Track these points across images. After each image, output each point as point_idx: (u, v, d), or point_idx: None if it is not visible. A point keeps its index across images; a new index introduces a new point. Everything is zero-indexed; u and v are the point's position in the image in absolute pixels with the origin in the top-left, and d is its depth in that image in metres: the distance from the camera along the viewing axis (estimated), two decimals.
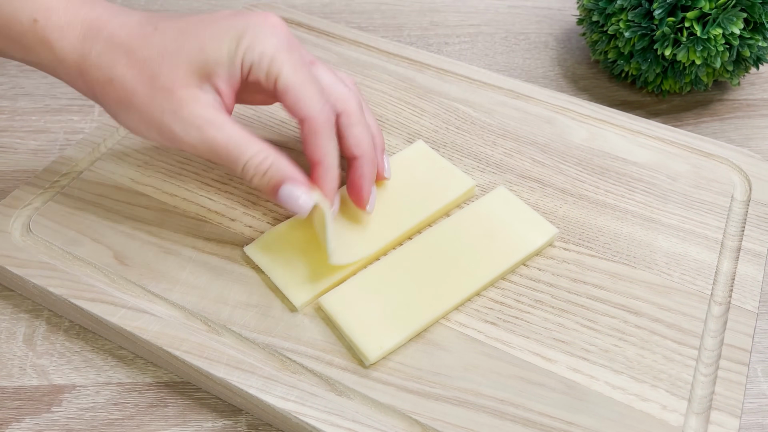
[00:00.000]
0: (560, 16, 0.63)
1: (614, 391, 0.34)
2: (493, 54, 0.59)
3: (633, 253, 0.40)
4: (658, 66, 0.50)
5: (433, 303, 0.36)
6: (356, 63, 0.51)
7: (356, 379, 0.34)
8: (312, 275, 0.37)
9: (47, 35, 0.34)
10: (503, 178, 0.43)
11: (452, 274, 0.37)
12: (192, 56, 0.33)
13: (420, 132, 0.46)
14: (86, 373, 0.37)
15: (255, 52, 0.34)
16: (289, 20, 0.55)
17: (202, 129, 0.33)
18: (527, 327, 0.36)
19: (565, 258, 0.39)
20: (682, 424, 0.33)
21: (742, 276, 0.39)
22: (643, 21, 0.48)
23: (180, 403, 0.36)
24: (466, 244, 0.38)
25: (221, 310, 0.36)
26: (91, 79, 0.34)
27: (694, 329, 0.36)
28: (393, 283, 0.36)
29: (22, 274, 0.37)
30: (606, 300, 0.37)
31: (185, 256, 0.38)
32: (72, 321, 0.39)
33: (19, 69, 0.55)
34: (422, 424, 0.32)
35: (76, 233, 0.39)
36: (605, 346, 0.35)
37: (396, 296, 0.36)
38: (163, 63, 0.33)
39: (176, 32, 0.34)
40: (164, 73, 0.33)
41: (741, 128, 0.53)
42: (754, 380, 0.38)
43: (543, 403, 0.33)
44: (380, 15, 0.63)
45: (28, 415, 0.35)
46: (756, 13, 0.46)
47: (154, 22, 0.35)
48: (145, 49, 0.34)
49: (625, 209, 0.42)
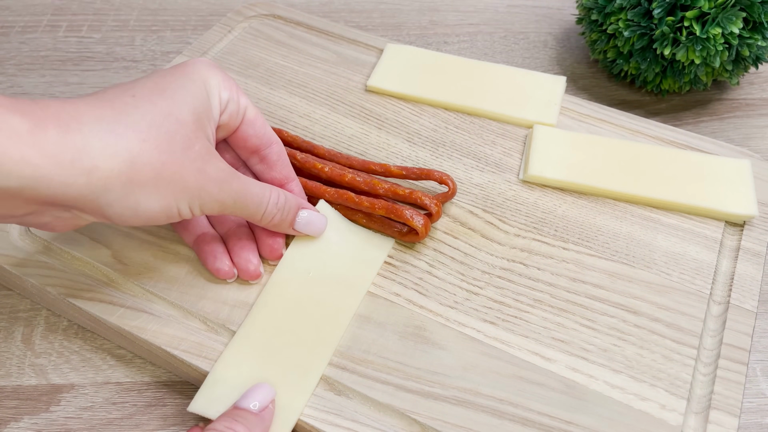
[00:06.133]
0: (559, 16, 0.63)
1: (613, 391, 0.34)
2: (492, 53, 0.59)
3: (632, 252, 0.40)
4: (658, 65, 0.50)
5: (323, 341, 0.35)
6: (355, 62, 0.51)
7: (355, 378, 0.34)
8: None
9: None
10: (503, 178, 0.43)
11: (323, 309, 0.36)
12: (186, 109, 0.31)
13: (420, 132, 0.46)
14: (85, 373, 0.36)
15: (225, 92, 0.33)
16: (289, 19, 0.55)
17: (230, 183, 0.32)
18: (526, 326, 0.36)
19: (564, 257, 0.39)
20: (681, 423, 0.33)
21: (741, 275, 0.39)
22: (642, 20, 0.48)
23: (178, 402, 0.36)
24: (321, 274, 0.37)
25: (220, 309, 0.36)
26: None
27: (693, 328, 0.36)
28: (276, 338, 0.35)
29: (20, 273, 0.37)
30: (605, 299, 0.37)
31: (184, 256, 0.38)
32: (70, 320, 0.38)
33: (17, 68, 0.55)
34: (421, 423, 0.32)
35: (75, 232, 0.39)
36: (604, 345, 0.35)
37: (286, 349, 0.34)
38: (170, 122, 0.30)
39: (155, 93, 0.31)
40: (179, 132, 0.30)
41: (740, 127, 0.53)
42: (753, 380, 0.38)
43: (542, 403, 0.33)
44: (379, 14, 0.63)
45: (26, 415, 0.35)
46: (755, 12, 0.46)
47: (129, 92, 0.30)
48: (141, 116, 0.30)
49: (625, 208, 0.42)
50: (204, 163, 0.31)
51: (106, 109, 0.29)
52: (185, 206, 0.31)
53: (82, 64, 0.56)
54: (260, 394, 0.31)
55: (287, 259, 0.38)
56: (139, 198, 0.29)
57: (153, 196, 0.29)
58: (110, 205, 0.29)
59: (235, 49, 0.52)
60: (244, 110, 0.35)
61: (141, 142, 0.29)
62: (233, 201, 0.33)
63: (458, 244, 0.40)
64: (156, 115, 0.30)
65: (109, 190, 0.28)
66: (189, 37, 0.59)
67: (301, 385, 0.33)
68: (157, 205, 0.30)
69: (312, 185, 0.40)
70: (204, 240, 0.37)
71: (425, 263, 0.39)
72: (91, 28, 0.59)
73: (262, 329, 0.35)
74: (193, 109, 0.31)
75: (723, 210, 0.41)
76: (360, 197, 0.39)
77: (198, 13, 0.61)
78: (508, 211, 0.42)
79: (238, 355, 0.34)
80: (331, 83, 0.50)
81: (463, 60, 0.51)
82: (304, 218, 0.36)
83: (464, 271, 0.38)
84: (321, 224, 0.37)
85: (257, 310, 0.36)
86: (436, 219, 0.39)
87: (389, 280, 0.38)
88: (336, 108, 0.48)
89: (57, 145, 0.26)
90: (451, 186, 0.40)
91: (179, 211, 0.31)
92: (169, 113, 0.30)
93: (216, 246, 0.37)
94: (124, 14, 0.61)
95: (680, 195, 0.42)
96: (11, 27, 0.59)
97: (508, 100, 0.48)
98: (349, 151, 0.45)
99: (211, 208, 0.32)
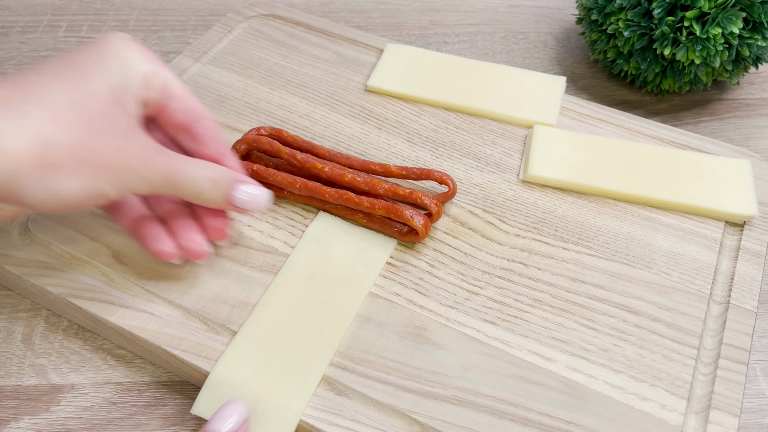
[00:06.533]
0: (559, 16, 0.63)
1: (613, 391, 0.34)
2: (492, 53, 0.59)
3: (632, 252, 0.40)
4: (658, 65, 0.50)
5: (322, 343, 0.35)
6: (355, 62, 0.51)
7: (355, 378, 0.34)
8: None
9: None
10: (503, 178, 0.43)
11: (324, 310, 0.36)
12: (101, 84, 0.30)
13: (420, 132, 0.46)
14: (85, 373, 0.36)
15: (144, 65, 0.32)
16: (288, 19, 0.55)
17: (155, 159, 0.30)
18: (526, 326, 0.36)
19: (564, 257, 0.39)
20: (681, 423, 0.33)
21: (741, 275, 0.39)
22: (642, 20, 0.48)
23: (179, 402, 0.36)
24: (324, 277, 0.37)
25: (220, 309, 0.36)
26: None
27: (694, 328, 0.36)
28: (278, 338, 0.35)
29: (20, 274, 0.37)
30: (605, 299, 0.37)
31: None
32: (70, 320, 0.38)
33: (17, 68, 0.55)
34: (421, 423, 0.32)
35: (75, 232, 0.39)
36: (604, 345, 0.35)
37: (286, 350, 0.34)
38: (84, 99, 0.29)
39: (67, 70, 0.29)
40: (95, 109, 0.29)
41: (740, 128, 0.53)
42: (753, 379, 0.38)
43: (542, 403, 0.33)
44: (379, 14, 0.63)
45: (26, 415, 0.35)
46: (755, 12, 0.46)
47: (38, 71, 0.29)
48: (51, 94, 0.28)
49: (625, 208, 0.42)
50: (125, 140, 0.29)
51: (11, 90, 0.27)
52: (109, 187, 0.29)
53: None
54: (233, 415, 0.30)
55: (291, 261, 0.38)
56: (57, 181, 0.27)
57: (72, 178, 0.28)
58: (27, 191, 0.27)
59: (235, 49, 0.52)
60: (170, 84, 0.33)
61: (52, 121, 0.27)
62: (162, 178, 0.31)
63: (458, 244, 0.40)
64: (68, 92, 0.28)
65: (23, 174, 0.26)
66: (189, 37, 0.59)
67: (302, 385, 0.33)
68: (78, 188, 0.28)
69: (312, 185, 0.40)
70: (141, 222, 0.35)
71: (425, 263, 0.39)
72: (91, 28, 0.59)
73: (264, 329, 0.35)
74: (109, 85, 0.30)
75: (723, 210, 0.41)
76: (360, 197, 0.39)
77: (198, 13, 0.61)
78: (508, 211, 0.42)
79: (240, 355, 0.34)
80: (331, 83, 0.50)
81: (463, 60, 0.51)
82: (243, 192, 0.33)
83: (464, 271, 0.38)
84: (262, 199, 0.34)
85: (260, 310, 0.36)
86: (436, 219, 0.39)
87: (389, 280, 0.38)
88: (336, 108, 0.48)
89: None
90: (451, 186, 0.40)
91: (104, 192, 0.29)
92: (83, 90, 0.29)
93: (155, 227, 0.35)
94: (124, 14, 0.61)
95: (680, 195, 0.42)
96: (11, 27, 0.59)
97: (508, 100, 0.48)
98: (349, 151, 0.45)
99: (138, 188, 0.30)
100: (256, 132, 0.43)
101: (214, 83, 0.49)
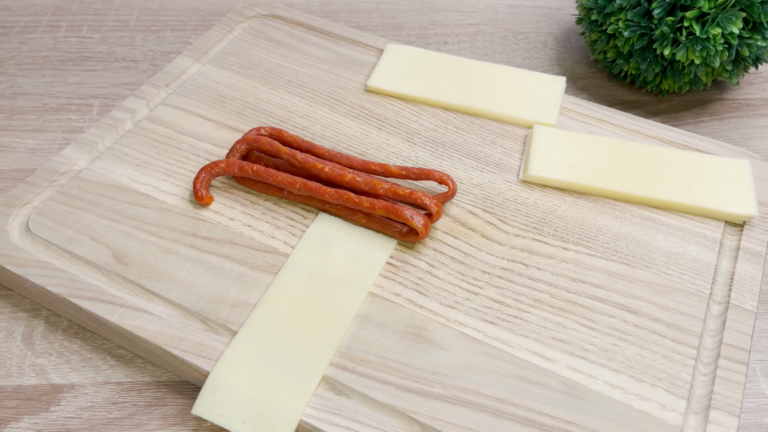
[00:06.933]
0: (559, 16, 0.63)
1: (613, 391, 0.34)
2: (492, 53, 0.59)
3: (632, 252, 0.40)
4: (657, 65, 0.50)
5: (323, 342, 0.35)
6: (355, 62, 0.51)
7: (355, 378, 0.34)
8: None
9: None
10: (503, 178, 0.43)
11: (324, 310, 0.36)
12: None
13: (420, 132, 0.46)
14: (85, 373, 0.36)
15: None
16: (288, 19, 0.55)
17: None
18: (526, 326, 0.36)
19: (564, 257, 0.39)
20: (681, 423, 0.33)
21: (741, 275, 0.39)
22: (642, 20, 0.48)
23: (179, 402, 0.36)
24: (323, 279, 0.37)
25: (220, 309, 0.36)
26: None
27: (693, 328, 0.36)
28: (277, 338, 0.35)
29: (20, 273, 0.37)
30: (605, 299, 0.37)
31: (184, 255, 0.38)
32: (71, 320, 0.38)
33: (17, 68, 0.55)
34: (421, 423, 0.32)
35: (75, 232, 0.39)
36: (604, 345, 0.35)
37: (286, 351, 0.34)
38: None
39: None
40: None
41: (740, 128, 0.53)
42: (753, 379, 0.38)
43: (542, 403, 0.33)
44: (379, 14, 0.63)
45: (26, 415, 0.35)
46: (755, 12, 0.46)
47: None
48: None
49: (625, 208, 0.42)
50: None
51: None
52: None
53: (82, 64, 0.56)
54: None
55: (291, 261, 0.38)
56: None
57: None
58: None
59: (235, 49, 0.52)
60: None
61: None
62: None
63: (458, 244, 0.40)
64: None
65: None
66: (189, 37, 0.59)
67: (302, 385, 0.33)
68: None
69: (312, 185, 0.40)
70: None
71: (425, 263, 0.39)
72: (91, 28, 0.59)
73: (264, 329, 0.35)
74: None
75: (723, 210, 0.41)
76: (360, 197, 0.39)
77: (198, 13, 0.61)
78: (508, 211, 0.42)
79: (240, 355, 0.34)
80: (331, 83, 0.50)
81: (463, 60, 0.51)
82: None
83: (464, 271, 0.38)
84: None
85: (260, 310, 0.36)
86: (436, 219, 0.39)
87: (389, 280, 0.38)
88: (336, 108, 0.48)
89: None
90: (451, 186, 0.40)
91: None
92: None
93: None
94: (124, 14, 0.61)
95: (680, 195, 0.42)
96: (11, 27, 0.59)
97: (508, 100, 0.48)
98: (349, 151, 0.45)
99: None
100: (256, 132, 0.43)
101: (214, 83, 0.49)
